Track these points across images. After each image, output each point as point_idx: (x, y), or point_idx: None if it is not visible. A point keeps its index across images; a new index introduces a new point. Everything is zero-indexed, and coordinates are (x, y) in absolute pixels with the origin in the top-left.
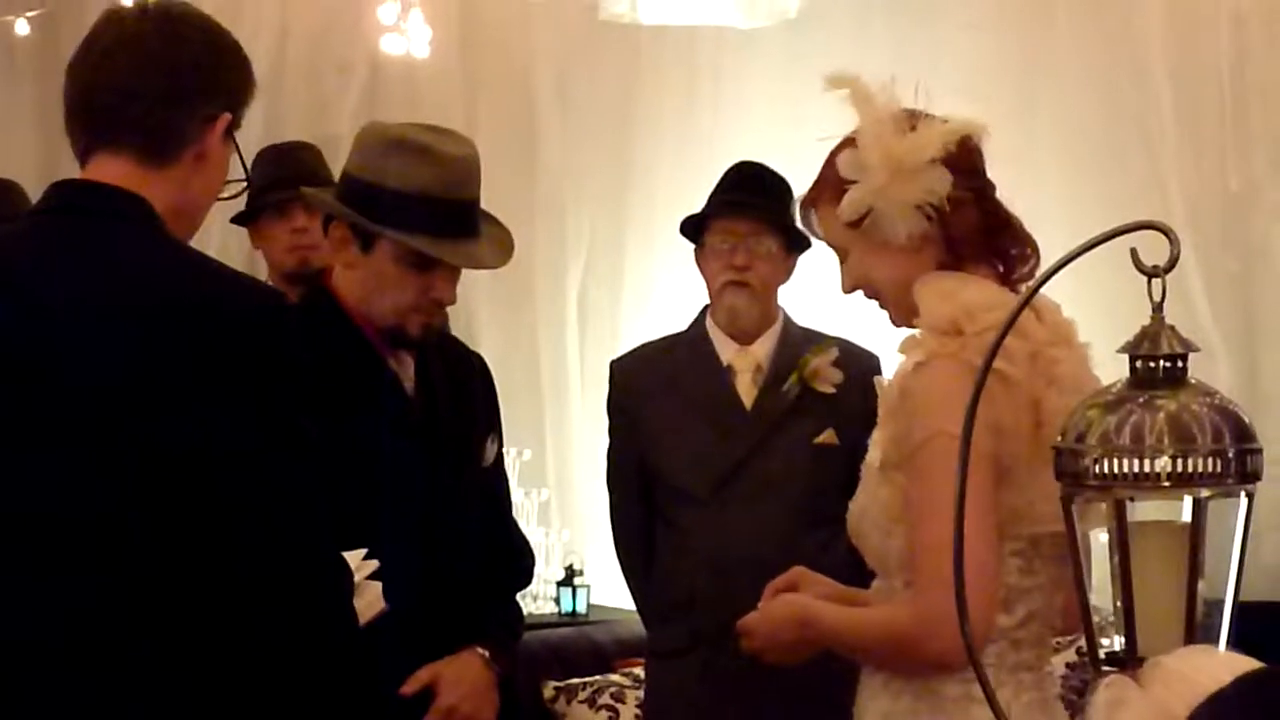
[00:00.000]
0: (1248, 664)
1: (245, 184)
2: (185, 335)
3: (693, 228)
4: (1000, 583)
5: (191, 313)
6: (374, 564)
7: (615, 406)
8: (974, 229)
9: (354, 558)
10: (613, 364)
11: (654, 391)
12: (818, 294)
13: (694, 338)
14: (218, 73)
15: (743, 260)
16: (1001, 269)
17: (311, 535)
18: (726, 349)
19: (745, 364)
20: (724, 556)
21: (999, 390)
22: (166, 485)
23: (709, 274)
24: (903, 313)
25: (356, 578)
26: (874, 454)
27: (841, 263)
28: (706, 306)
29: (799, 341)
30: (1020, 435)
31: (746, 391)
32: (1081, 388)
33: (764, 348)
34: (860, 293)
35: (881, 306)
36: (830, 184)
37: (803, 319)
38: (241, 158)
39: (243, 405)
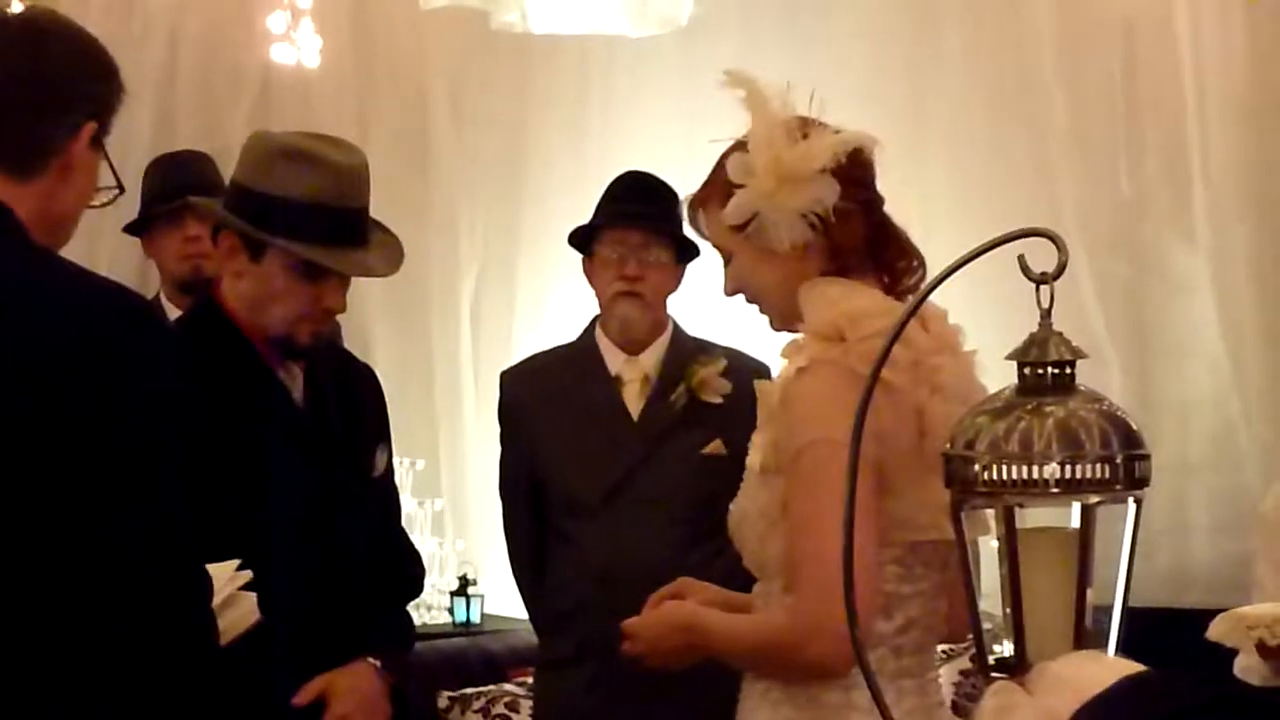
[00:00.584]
0: (1133, 669)
1: (117, 190)
2: (39, 335)
3: (582, 238)
4: (879, 589)
5: (47, 313)
6: (247, 575)
7: (505, 416)
8: (859, 240)
9: (226, 569)
10: (502, 375)
11: (543, 402)
12: (709, 301)
13: (583, 348)
14: (80, 83)
15: (634, 270)
16: (886, 281)
17: (167, 541)
18: (615, 359)
19: (633, 374)
20: (612, 567)
21: (881, 398)
22: (16, 485)
23: (599, 284)
24: (782, 318)
25: (229, 589)
26: (754, 457)
27: (725, 265)
28: (596, 317)
29: (688, 351)
30: (902, 443)
31: (634, 401)
32: (966, 395)
33: (652, 357)
34: (742, 296)
35: (762, 311)
36: (719, 186)
37: (693, 327)
38: (111, 165)
39: (95, 406)
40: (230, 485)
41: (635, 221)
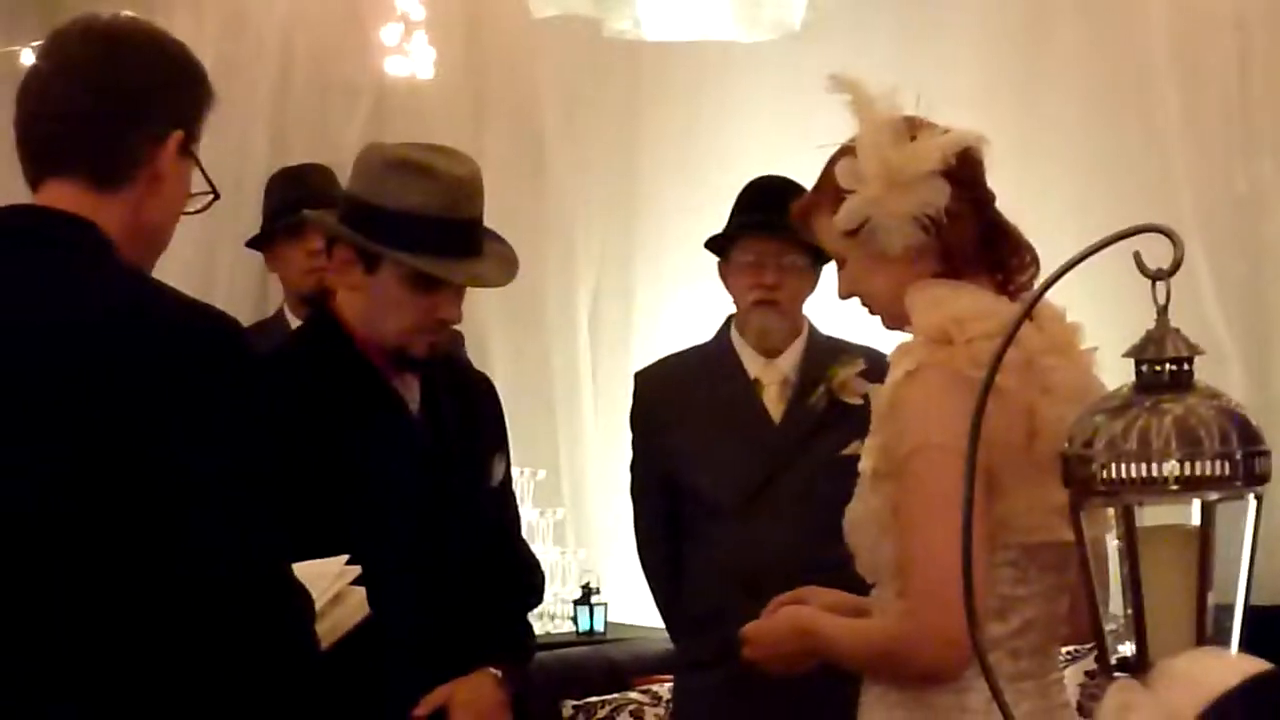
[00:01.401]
0: (1256, 665)
1: (212, 196)
2: (130, 353)
3: (718, 244)
4: (990, 593)
5: (137, 331)
6: (355, 570)
7: (640, 418)
8: (971, 240)
9: (335, 564)
10: (637, 375)
11: (679, 403)
12: (842, 302)
13: (719, 349)
14: (163, 91)
15: (772, 279)
16: (1000, 279)
17: (260, 557)
18: (753, 361)
19: (772, 377)
20: (753, 570)
21: (990, 400)
22: (108, 502)
23: (735, 290)
24: (895, 321)
25: (338, 585)
26: (865, 462)
27: (839, 269)
28: (730, 318)
29: (825, 352)
30: (1011, 445)
31: (774, 405)
32: (1081, 395)
33: (790, 360)
34: (857, 300)
35: (873, 313)
36: (828, 192)
37: (828, 326)
38: (204, 171)
39: (190, 423)
40: (345, 497)
41: (771, 230)
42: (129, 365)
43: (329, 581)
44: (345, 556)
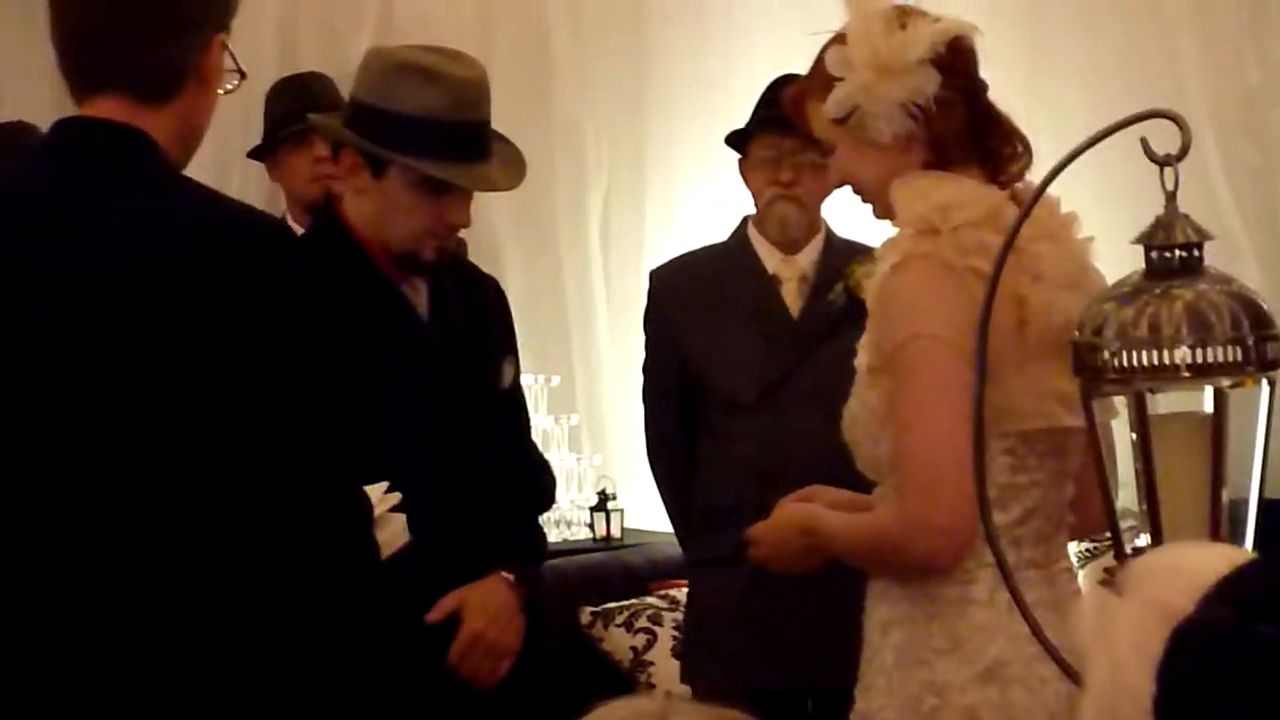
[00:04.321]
0: (1239, 553)
1: (240, 77)
2: (191, 261)
3: (737, 140)
4: (990, 482)
5: (197, 240)
6: (396, 497)
7: (656, 314)
8: (961, 130)
9: (376, 490)
10: (652, 273)
11: (696, 299)
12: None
13: (737, 247)
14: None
15: (789, 176)
16: (990, 168)
17: (324, 464)
18: (771, 258)
19: (790, 273)
20: (770, 464)
21: (978, 288)
22: (176, 410)
23: (754, 186)
24: (886, 210)
25: (378, 510)
26: (861, 358)
27: (830, 156)
28: (747, 217)
29: (843, 252)
30: (1001, 332)
31: (792, 301)
32: (1073, 282)
33: (808, 257)
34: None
35: (865, 201)
36: (819, 80)
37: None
38: (233, 55)
39: (251, 332)
40: (354, 402)
41: (789, 127)
42: (190, 274)
43: (374, 504)
44: (386, 484)
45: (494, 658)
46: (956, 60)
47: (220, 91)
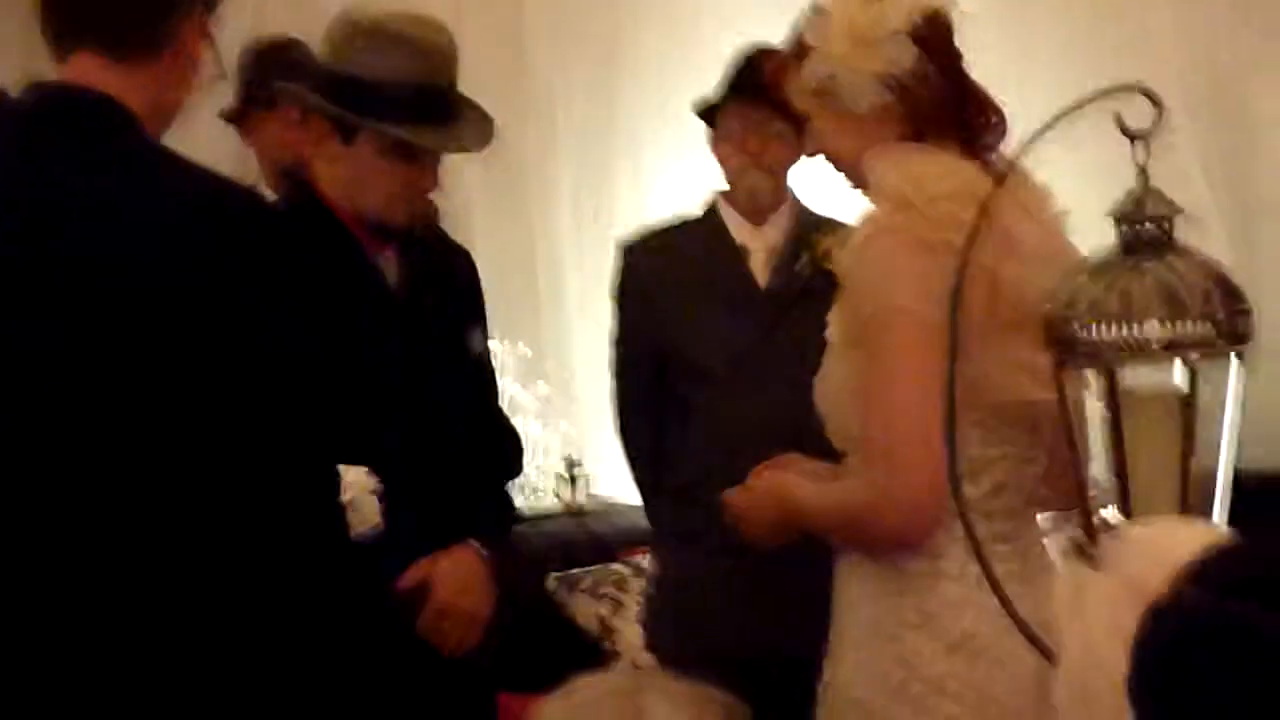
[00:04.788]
0: (1213, 531)
1: (220, 77)
2: (174, 230)
3: (706, 111)
4: (960, 455)
5: (179, 209)
6: (375, 482)
7: (625, 287)
8: (936, 102)
9: (359, 472)
10: (621, 245)
11: (666, 270)
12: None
13: (706, 219)
14: None
15: (755, 146)
16: (965, 139)
17: (304, 436)
18: (740, 230)
19: (759, 244)
20: (739, 435)
21: (951, 262)
22: (157, 379)
23: (723, 156)
24: (860, 182)
25: (357, 492)
26: (833, 330)
27: (807, 126)
28: (716, 193)
29: (812, 224)
30: (973, 305)
31: (760, 271)
32: (1046, 256)
33: (777, 228)
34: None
35: (839, 171)
36: (797, 49)
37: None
38: (217, 52)
39: (234, 309)
40: (333, 372)
41: (757, 96)
42: (169, 252)
43: (348, 486)
44: (367, 468)
45: (463, 626)
46: (933, 33)
47: (198, 83)
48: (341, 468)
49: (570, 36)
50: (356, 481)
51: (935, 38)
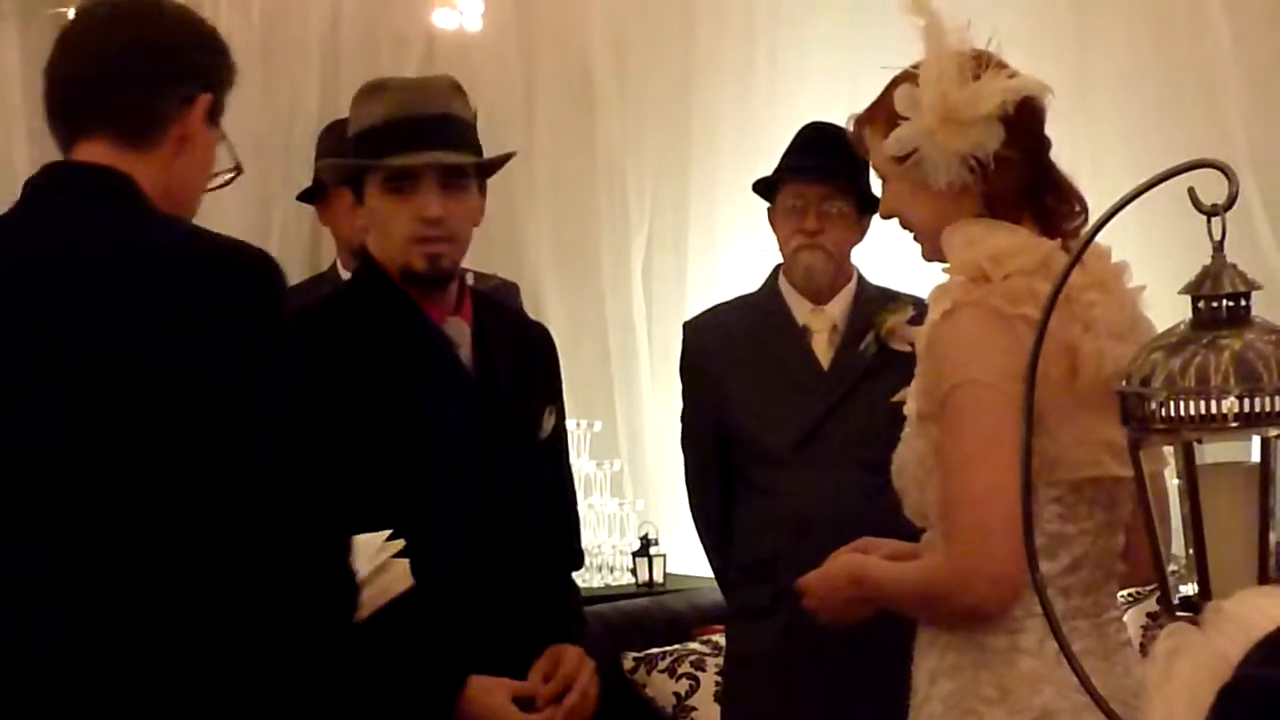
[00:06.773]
0: None
1: (235, 172)
2: (157, 290)
3: (765, 188)
4: (1038, 531)
5: (167, 269)
6: (399, 543)
7: (689, 367)
8: (1017, 188)
9: (377, 539)
10: (686, 325)
11: (729, 351)
12: (894, 255)
13: (767, 297)
14: (189, 54)
15: (813, 224)
16: (1044, 223)
17: (301, 502)
18: (801, 308)
19: (821, 324)
20: (805, 516)
21: (1029, 336)
22: (135, 435)
23: (781, 235)
24: (934, 254)
25: (381, 556)
26: (910, 405)
27: (883, 187)
28: (778, 266)
29: (874, 300)
30: (1052, 381)
31: (823, 351)
32: (1124, 331)
33: (839, 307)
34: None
35: (913, 239)
36: (884, 112)
37: (879, 279)
38: (229, 144)
39: (212, 358)
40: (392, 444)
41: (816, 175)
42: (170, 301)
43: (373, 552)
44: (388, 531)
45: None
46: (1024, 119)
47: (212, 186)
48: (363, 536)
49: (643, 109)
50: (379, 545)
51: (1026, 124)
